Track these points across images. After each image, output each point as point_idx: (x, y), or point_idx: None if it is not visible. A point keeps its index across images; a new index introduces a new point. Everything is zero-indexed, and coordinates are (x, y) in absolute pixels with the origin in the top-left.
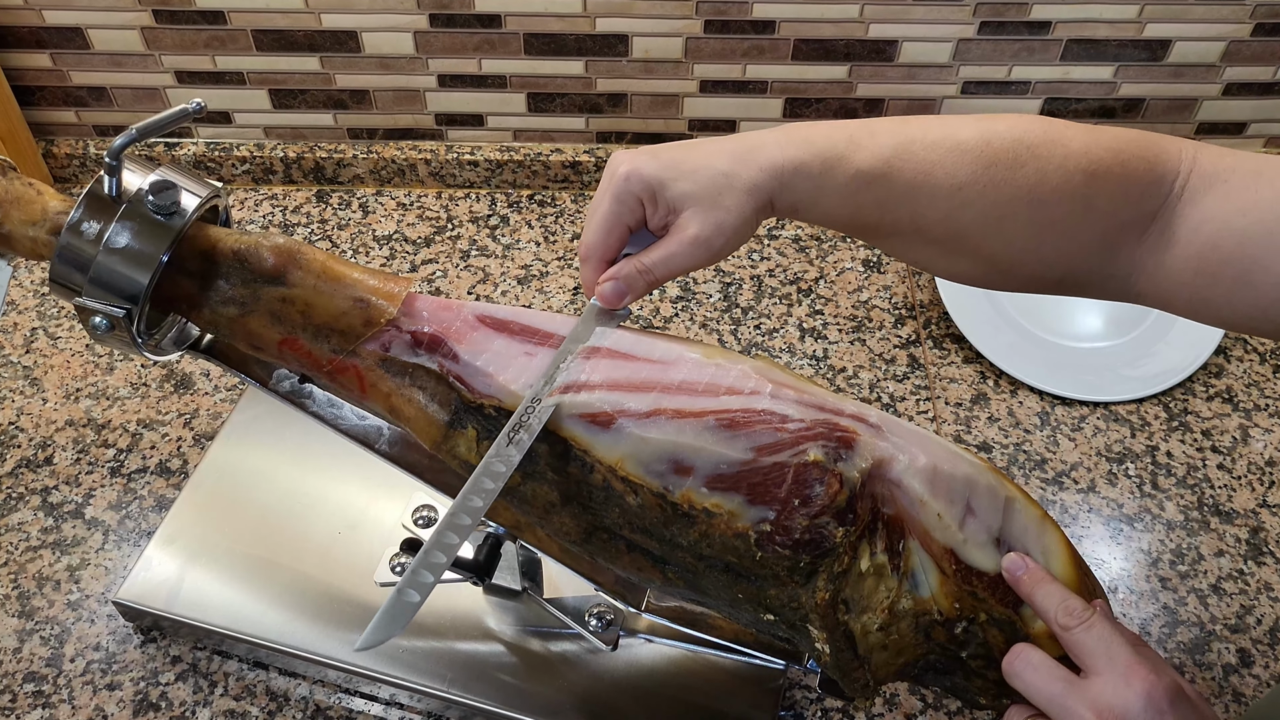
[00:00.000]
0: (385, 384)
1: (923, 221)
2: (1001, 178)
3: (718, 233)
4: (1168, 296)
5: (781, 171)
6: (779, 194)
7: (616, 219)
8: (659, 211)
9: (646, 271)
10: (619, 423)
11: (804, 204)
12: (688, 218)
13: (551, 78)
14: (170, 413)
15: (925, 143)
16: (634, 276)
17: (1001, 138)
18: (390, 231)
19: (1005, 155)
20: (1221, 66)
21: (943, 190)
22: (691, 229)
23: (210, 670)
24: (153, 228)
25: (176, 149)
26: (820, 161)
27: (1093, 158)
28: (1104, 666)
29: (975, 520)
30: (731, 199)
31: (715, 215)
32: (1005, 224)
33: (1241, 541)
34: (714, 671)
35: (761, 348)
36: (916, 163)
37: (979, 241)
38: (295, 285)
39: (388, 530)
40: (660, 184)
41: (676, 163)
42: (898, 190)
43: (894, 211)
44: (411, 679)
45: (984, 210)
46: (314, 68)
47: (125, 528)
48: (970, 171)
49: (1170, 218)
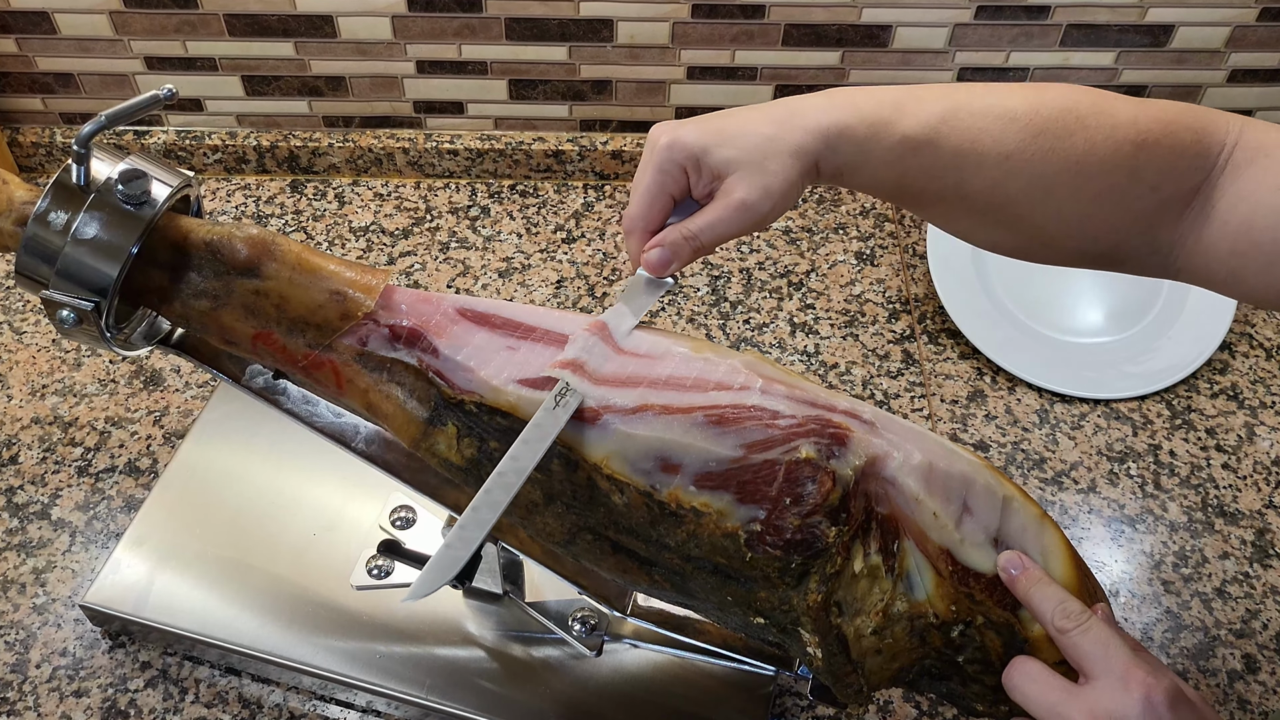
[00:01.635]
0: (362, 380)
1: (968, 190)
2: (1050, 147)
3: (765, 197)
4: (1207, 273)
5: (827, 134)
6: (825, 157)
7: (660, 189)
8: (703, 179)
9: (693, 238)
10: (604, 419)
11: (849, 168)
12: (733, 182)
13: (534, 64)
14: (140, 410)
15: (973, 110)
16: (680, 244)
17: (1050, 106)
18: (367, 223)
19: (1054, 124)
20: (1226, 52)
21: (990, 159)
22: (738, 193)
23: (181, 676)
24: (122, 218)
25: (146, 137)
26: (866, 126)
27: (1141, 128)
28: (1101, 671)
29: (972, 520)
30: (777, 163)
31: (762, 179)
32: (1052, 195)
33: (1247, 543)
34: (702, 677)
35: (751, 343)
36: (964, 130)
37: (1024, 212)
38: (269, 278)
39: (365, 532)
40: (703, 150)
41: (719, 129)
42: (944, 157)
43: (939, 179)
44: (389, 685)
45: (1031, 180)
46: (288, 53)
47: (93, 529)
48: (1018, 140)
49: (1211, 192)
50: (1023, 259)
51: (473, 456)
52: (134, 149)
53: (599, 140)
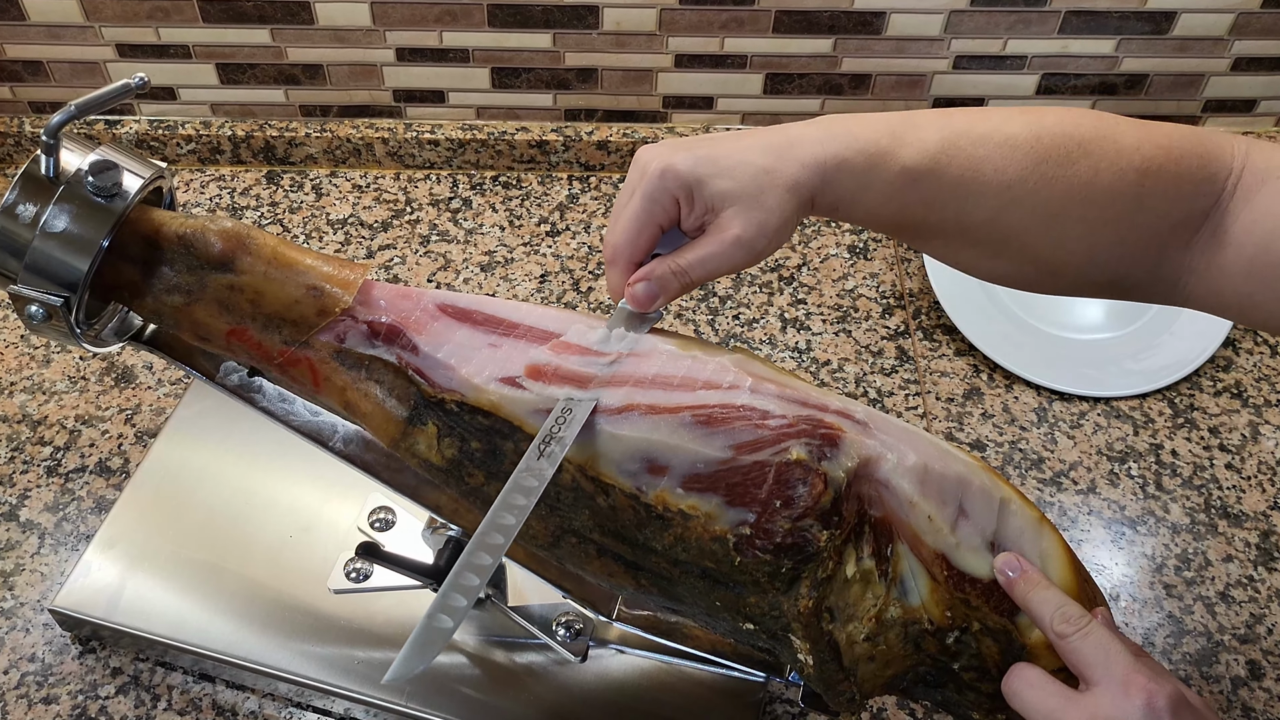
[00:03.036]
0: (340, 377)
1: (969, 221)
2: (1053, 175)
3: (760, 233)
4: (1219, 299)
5: (824, 168)
6: (821, 191)
7: (648, 218)
8: (695, 211)
9: (682, 273)
10: (589, 418)
11: (846, 202)
12: (729, 217)
13: (517, 51)
14: (111, 408)
15: (973, 137)
16: (668, 278)
17: (1051, 133)
18: (345, 215)
19: (1056, 151)
20: (1230, 40)
21: (991, 188)
22: (734, 229)
23: (153, 683)
24: (92, 211)
25: (118, 127)
26: (864, 158)
27: (1145, 155)
28: (1101, 676)
29: (968, 523)
30: (774, 198)
31: (758, 215)
32: (1055, 224)
33: (1251, 546)
34: (690, 684)
35: (740, 339)
36: (964, 159)
37: (1027, 242)
38: (244, 272)
39: (342, 534)
40: (698, 181)
41: (713, 159)
42: (945, 188)
43: (940, 211)
44: (367, 692)
45: (1034, 209)
46: (264, 40)
47: (62, 531)
48: (1020, 169)
49: (1222, 218)
50: (1027, 290)
51: (453, 457)
52: (105, 139)
53: (584, 130)
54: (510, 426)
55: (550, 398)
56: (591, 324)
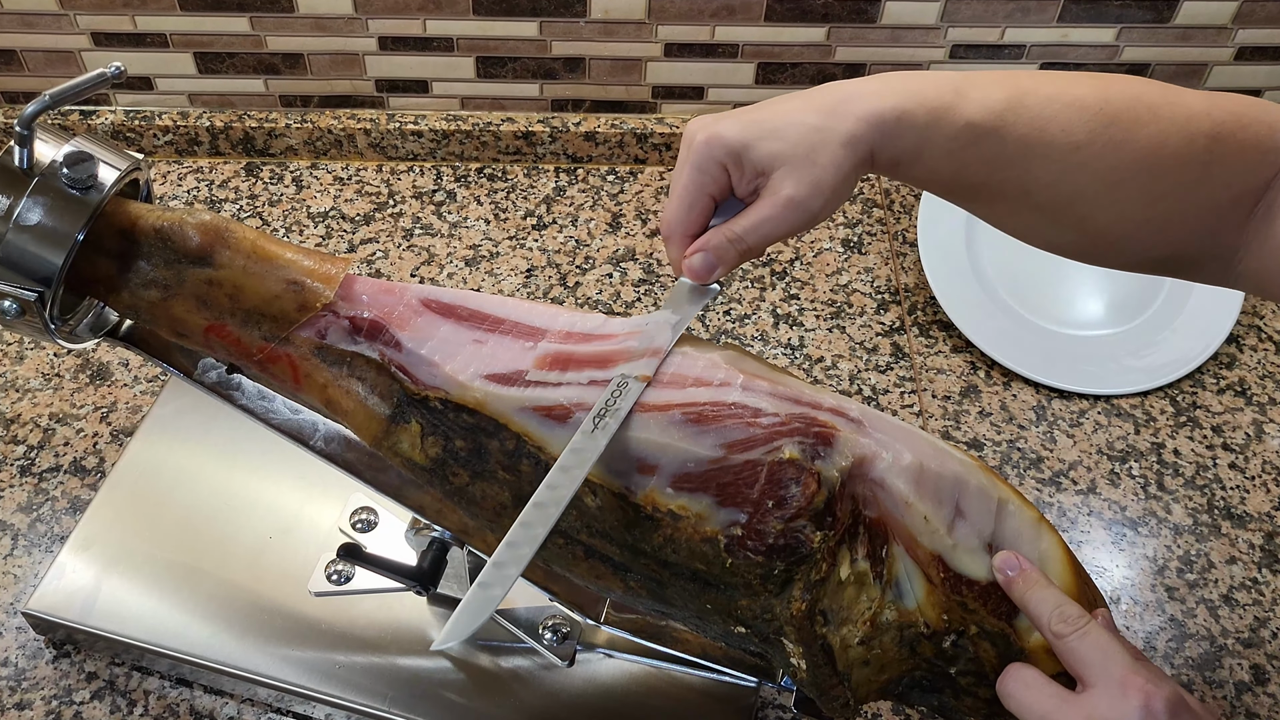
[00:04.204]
0: (321, 374)
1: (1033, 184)
2: (1121, 138)
3: (815, 192)
4: (1272, 277)
5: (883, 121)
6: (880, 146)
7: (699, 189)
8: (746, 176)
9: (738, 240)
10: (575, 417)
11: (907, 158)
12: (780, 178)
13: (503, 40)
14: (86, 406)
15: (1039, 96)
16: (724, 246)
17: (1120, 95)
18: (326, 208)
19: (1125, 114)
20: (1233, 29)
21: (1057, 149)
22: (785, 190)
23: (129, 688)
24: (67, 203)
25: (93, 117)
26: (926, 111)
27: (1215, 120)
28: (1099, 678)
29: (965, 523)
30: (827, 154)
31: (811, 173)
32: (1120, 190)
33: (1255, 548)
34: (680, 689)
35: (732, 335)
36: (1031, 117)
37: (1090, 210)
38: (223, 266)
39: (323, 535)
40: (744, 145)
41: (760, 121)
42: (1010, 147)
43: (1003, 170)
44: (349, 697)
45: (1100, 173)
46: (243, 29)
47: (36, 532)
48: (1088, 130)
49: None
50: (1082, 260)
51: (437, 456)
52: (80, 130)
53: (571, 121)
54: (496, 424)
55: (534, 395)
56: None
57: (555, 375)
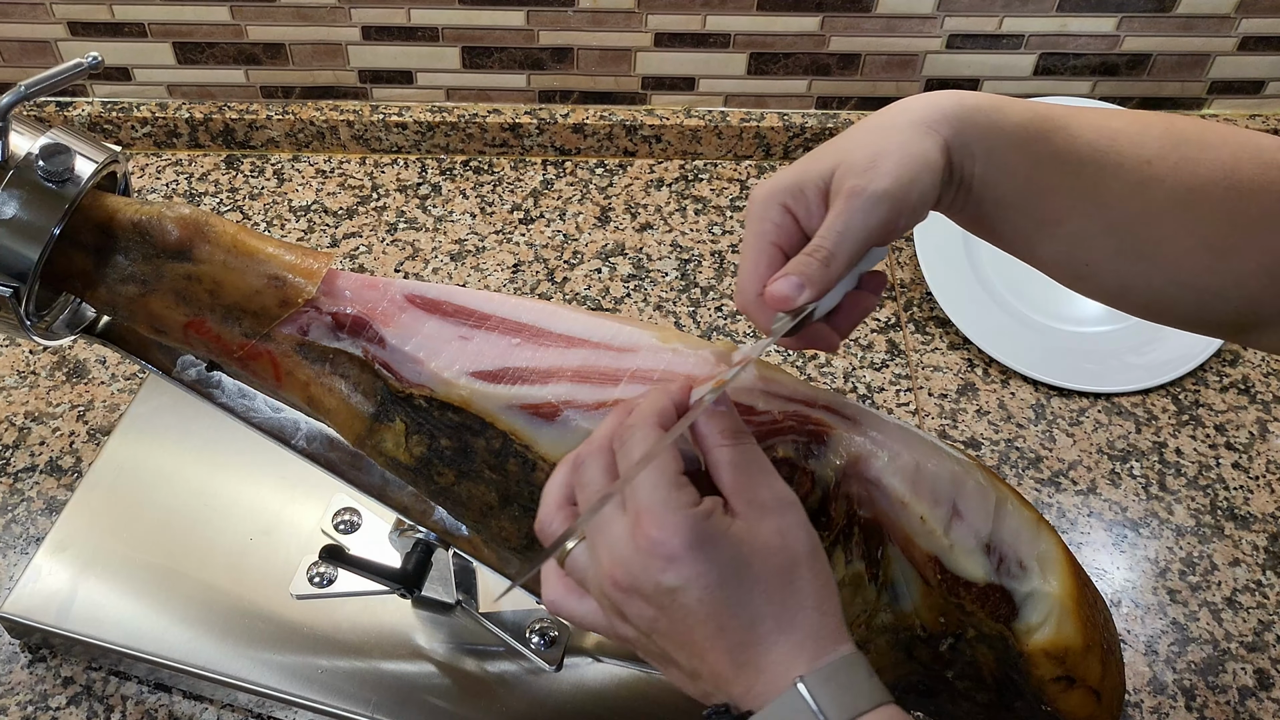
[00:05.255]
0: (303, 372)
1: (1106, 194)
2: (1193, 156)
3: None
4: None
5: (948, 112)
6: (953, 131)
7: (761, 241)
8: (810, 203)
9: (814, 249)
10: (564, 415)
11: (982, 147)
12: (841, 177)
13: (489, 29)
14: (62, 404)
15: (1102, 111)
16: (802, 260)
17: (1185, 121)
18: (308, 201)
19: (1194, 136)
20: (1236, 18)
21: (1129, 160)
22: (849, 181)
23: (106, 693)
24: (43, 196)
25: (70, 109)
26: (990, 103)
27: None
28: None
29: (963, 524)
30: (894, 138)
31: (873, 157)
32: (1193, 211)
33: (1259, 549)
34: (670, 694)
35: (724, 332)
36: (1098, 126)
37: (1163, 230)
38: (202, 261)
39: (305, 536)
40: (802, 173)
41: (815, 152)
42: (1080, 148)
43: (1076, 173)
44: (331, 703)
45: (1173, 190)
46: (223, 18)
47: (11, 533)
48: (1159, 145)
49: None
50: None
51: (422, 455)
52: (56, 121)
53: (559, 113)
54: (482, 423)
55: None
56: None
57: (543, 373)
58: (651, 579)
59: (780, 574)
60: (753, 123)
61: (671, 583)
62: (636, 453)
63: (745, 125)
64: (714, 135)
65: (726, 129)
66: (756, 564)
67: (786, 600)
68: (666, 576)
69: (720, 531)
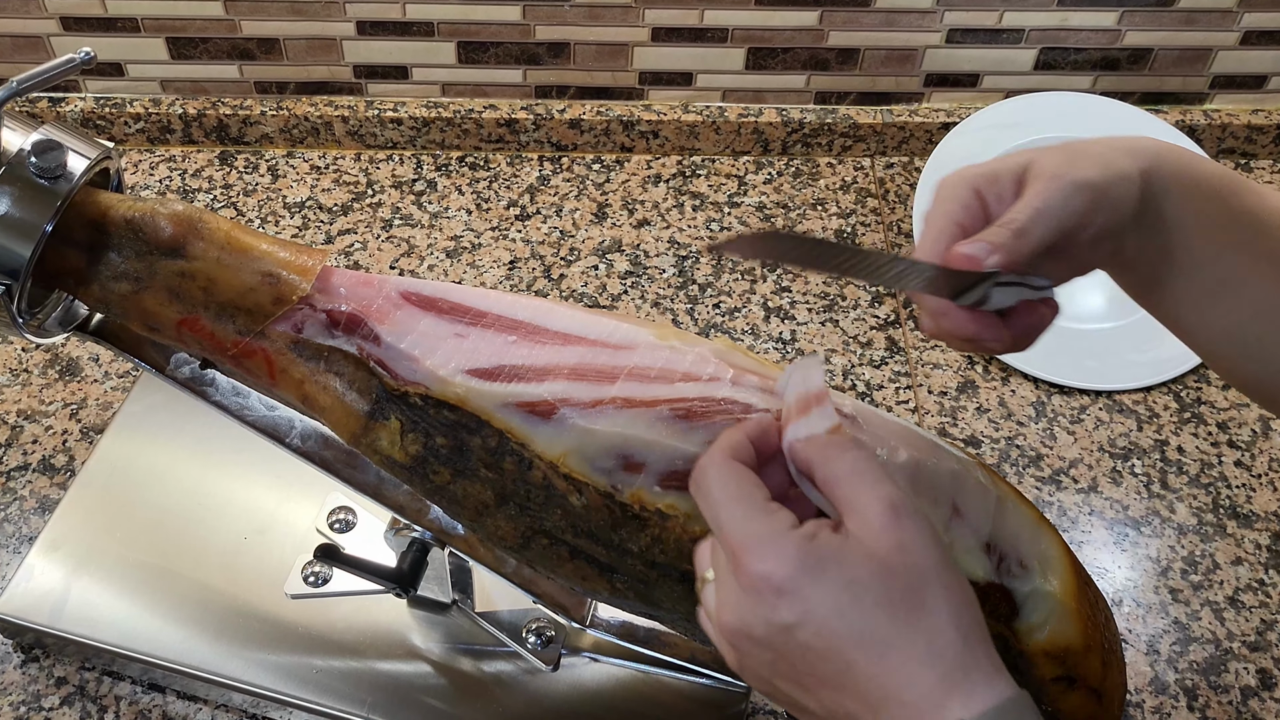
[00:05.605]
0: (297, 369)
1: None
2: None
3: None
4: None
5: (1146, 145)
6: (1150, 163)
7: (945, 219)
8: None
9: (1008, 221)
10: (561, 412)
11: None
12: (1041, 166)
13: (484, 24)
14: (55, 402)
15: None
16: (994, 231)
17: None
18: (303, 198)
19: None
20: (1239, 13)
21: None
22: (1048, 167)
23: (100, 693)
24: (35, 193)
25: (62, 104)
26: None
27: None
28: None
29: (962, 523)
30: (1095, 148)
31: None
32: None
33: (1262, 548)
34: (668, 694)
35: (721, 329)
36: (1245, 186)
37: None
38: (196, 258)
39: (300, 535)
40: (997, 163)
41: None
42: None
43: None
44: (326, 703)
45: None
46: (217, 13)
47: (3, 532)
48: None
49: None
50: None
51: (417, 453)
52: (49, 117)
53: (555, 108)
54: (478, 421)
55: (518, 391)
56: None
57: (539, 370)
58: (762, 618)
59: (907, 594)
60: (751, 118)
61: (785, 619)
62: (716, 490)
63: (743, 121)
64: (712, 131)
65: (724, 124)
66: (877, 585)
67: (918, 624)
68: (779, 613)
69: (830, 552)
